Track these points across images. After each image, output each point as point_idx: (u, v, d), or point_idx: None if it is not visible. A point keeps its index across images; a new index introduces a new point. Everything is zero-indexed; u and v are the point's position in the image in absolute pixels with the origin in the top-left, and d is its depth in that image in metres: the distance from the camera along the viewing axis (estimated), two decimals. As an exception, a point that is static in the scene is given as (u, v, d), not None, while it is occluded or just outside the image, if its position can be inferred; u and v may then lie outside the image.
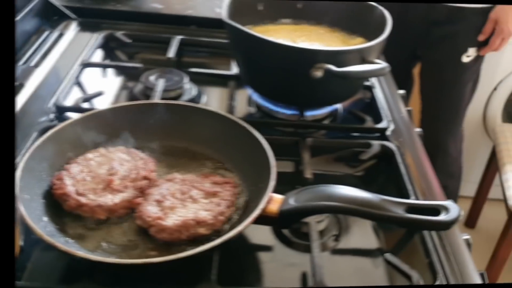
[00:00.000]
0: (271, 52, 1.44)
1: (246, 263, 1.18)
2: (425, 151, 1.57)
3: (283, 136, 1.54)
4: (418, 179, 1.41)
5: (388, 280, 1.16)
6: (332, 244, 1.23)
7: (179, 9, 2.08)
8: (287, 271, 1.16)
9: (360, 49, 1.46)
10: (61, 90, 1.56)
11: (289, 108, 1.60)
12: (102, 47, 1.86)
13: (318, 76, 1.36)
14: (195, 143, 1.33)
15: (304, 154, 1.42)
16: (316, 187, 1.16)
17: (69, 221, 1.11)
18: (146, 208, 1.11)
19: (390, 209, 1.09)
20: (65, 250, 0.97)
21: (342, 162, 1.53)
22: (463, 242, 1.26)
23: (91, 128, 1.28)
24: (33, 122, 1.43)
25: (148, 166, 1.23)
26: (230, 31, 1.53)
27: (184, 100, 1.60)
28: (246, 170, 1.25)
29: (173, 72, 1.69)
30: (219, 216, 1.10)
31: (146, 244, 1.08)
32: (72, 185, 1.14)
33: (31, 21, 1.85)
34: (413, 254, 1.23)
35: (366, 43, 1.48)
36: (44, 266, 1.08)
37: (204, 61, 1.96)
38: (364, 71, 1.43)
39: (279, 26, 1.75)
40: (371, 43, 1.46)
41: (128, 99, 1.63)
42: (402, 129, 1.61)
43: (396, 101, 1.75)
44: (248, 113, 1.64)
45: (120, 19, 2.02)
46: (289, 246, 1.21)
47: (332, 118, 1.66)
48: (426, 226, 1.17)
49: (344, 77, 1.39)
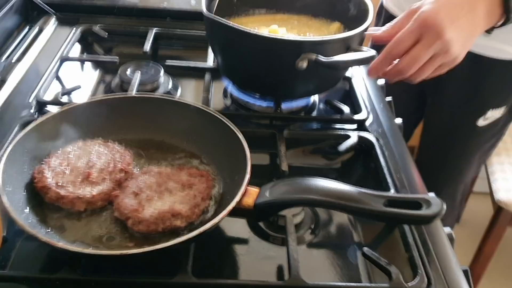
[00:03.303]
0: (254, 45, 1.43)
1: (222, 255, 1.19)
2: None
3: (259, 129, 1.54)
4: (398, 171, 1.40)
5: (366, 275, 1.17)
6: (309, 237, 1.24)
7: (154, 2, 2.08)
8: (263, 264, 1.17)
9: (345, 37, 1.43)
10: (41, 84, 1.57)
11: (266, 100, 1.60)
12: (80, 41, 1.87)
13: (304, 67, 1.35)
14: (171, 135, 1.35)
15: (281, 146, 1.42)
16: (292, 180, 1.17)
17: (50, 213, 1.14)
18: (123, 200, 1.13)
19: (368, 202, 1.08)
20: (46, 241, 0.99)
21: (320, 154, 1.54)
22: (446, 236, 1.25)
23: (70, 121, 1.30)
24: (15, 116, 1.45)
25: (125, 159, 1.25)
26: (209, 24, 1.52)
27: (160, 93, 1.62)
28: (222, 163, 1.27)
29: (149, 65, 1.70)
30: (194, 209, 1.12)
31: (124, 236, 1.11)
32: (52, 178, 1.17)
33: (12, 18, 1.86)
34: (392, 248, 1.22)
35: (351, 31, 1.45)
36: (27, 256, 1.11)
37: (180, 53, 1.97)
38: (354, 60, 1.40)
39: (255, 17, 1.75)
40: (356, 31, 1.43)
41: (105, 93, 1.65)
42: (382, 120, 1.60)
43: (375, 91, 1.74)
44: (224, 105, 1.65)
45: (97, 13, 2.02)
46: (265, 239, 1.22)
47: (309, 110, 1.66)
48: (406, 220, 1.15)
49: (332, 67, 1.38)
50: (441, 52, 1.34)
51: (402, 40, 1.34)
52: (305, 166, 1.50)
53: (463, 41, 1.36)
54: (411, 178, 1.40)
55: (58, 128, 1.28)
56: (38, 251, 1.11)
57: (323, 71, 1.42)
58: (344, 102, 1.64)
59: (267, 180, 1.18)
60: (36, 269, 1.09)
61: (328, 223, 1.29)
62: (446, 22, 1.31)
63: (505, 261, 3.35)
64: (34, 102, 1.51)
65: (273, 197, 1.11)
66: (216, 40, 1.57)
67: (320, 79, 1.54)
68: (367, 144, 1.48)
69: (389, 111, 1.67)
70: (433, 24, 1.30)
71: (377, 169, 1.40)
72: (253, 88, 1.60)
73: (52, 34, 1.91)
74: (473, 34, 1.39)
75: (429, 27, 1.31)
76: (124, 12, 2.04)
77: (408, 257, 1.16)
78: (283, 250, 1.15)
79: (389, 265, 1.10)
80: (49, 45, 1.84)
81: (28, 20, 1.95)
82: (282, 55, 1.41)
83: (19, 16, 1.91)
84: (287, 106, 1.61)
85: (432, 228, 1.25)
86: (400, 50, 1.35)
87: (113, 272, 1.05)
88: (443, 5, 1.32)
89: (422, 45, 1.33)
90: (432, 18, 1.31)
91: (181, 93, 1.69)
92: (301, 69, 1.36)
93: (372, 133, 1.52)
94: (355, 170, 1.52)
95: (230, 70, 1.61)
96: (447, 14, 1.31)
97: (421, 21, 1.32)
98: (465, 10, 1.33)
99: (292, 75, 1.44)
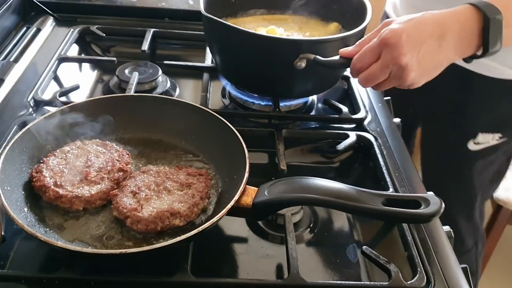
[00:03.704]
0: (254, 45, 1.43)
1: (221, 254, 1.19)
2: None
3: (257, 128, 1.54)
4: (397, 170, 1.40)
5: (366, 274, 1.17)
6: (308, 236, 1.25)
7: (152, 2, 2.08)
8: (262, 263, 1.17)
9: (344, 37, 1.43)
10: (39, 84, 1.57)
11: (264, 99, 1.60)
12: (77, 41, 1.88)
13: (302, 66, 1.36)
14: (170, 135, 1.35)
15: (279, 145, 1.42)
16: (291, 179, 1.17)
17: (49, 212, 1.14)
18: (122, 199, 1.13)
19: (367, 201, 1.08)
20: (45, 240, 0.99)
21: (318, 153, 1.54)
22: (445, 235, 1.25)
23: (68, 121, 1.30)
24: (13, 115, 1.45)
25: (124, 159, 1.26)
26: (208, 24, 1.53)
27: (158, 92, 1.63)
28: (221, 162, 1.28)
29: (147, 65, 1.70)
30: (193, 208, 1.13)
31: (123, 235, 1.11)
32: (50, 177, 1.17)
33: (10, 18, 1.86)
34: (391, 247, 1.23)
35: (349, 31, 1.46)
36: (25, 255, 1.11)
37: (178, 53, 1.98)
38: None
39: (251, 18, 1.75)
40: (354, 31, 1.44)
41: (103, 93, 1.66)
42: (380, 119, 1.60)
43: (374, 91, 1.73)
44: (222, 104, 1.66)
45: (95, 13, 2.02)
46: (264, 238, 1.22)
47: (307, 109, 1.66)
48: (405, 219, 1.16)
49: (331, 66, 1.38)
50: (396, 76, 1.26)
51: (363, 57, 1.28)
52: (304, 165, 1.50)
53: (423, 70, 1.28)
54: (410, 177, 1.40)
55: (56, 127, 1.28)
56: (37, 250, 1.11)
57: (321, 71, 1.42)
58: (342, 101, 1.65)
59: (266, 179, 1.18)
60: (34, 268, 1.09)
61: (327, 222, 1.29)
62: (407, 47, 1.22)
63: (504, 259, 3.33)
64: (32, 102, 1.51)
65: (272, 196, 1.11)
66: (215, 40, 1.57)
67: (318, 79, 1.54)
68: (366, 143, 1.48)
69: (387, 111, 1.67)
70: (393, 47, 1.22)
71: (376, 168, 1.40)
72: (251, 88, 1.60)
73: (50, 34, 1.91)
74: (438, 63, 1.30)
75: (389, 48, 1.23)
76: (122, 12, 2.05)
77: (407, 255, 1.16)
78: (282, 249, 1.15)
79: (388, 264, 1.10)
80: (47, 45, 1.83)
81: (26, 20, 1.95)
82: (281, 54, 1.41)
83: (17, 16, 1.91)
84: (285, 105, 1.61)
85: (431, 226, 1.25)
86: (361, 66, 1.29)
87: (112, 271, 1.05)
88: (411, 28, 1.24)
89: (379, 65, 1.26)
90: (393, 40, 1.22)
91: (179, 93, 1.69)
92: (299, 68, 1.36)
93: (371, 132, 1.52)
94: (353, 169, 1.52)
95: (228, 70, 1.61)
96: (412, 38, 1.23)
97: (382, 40, 1.24)
98: (434, 36, 1.25)
99: (290, 74, 1.44)
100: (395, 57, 1.22)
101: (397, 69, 1.24)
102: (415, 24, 1.25)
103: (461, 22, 1.27)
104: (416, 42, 1.23)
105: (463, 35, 1.28)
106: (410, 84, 1.28)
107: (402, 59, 1.22)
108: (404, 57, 1.22)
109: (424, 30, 1.25)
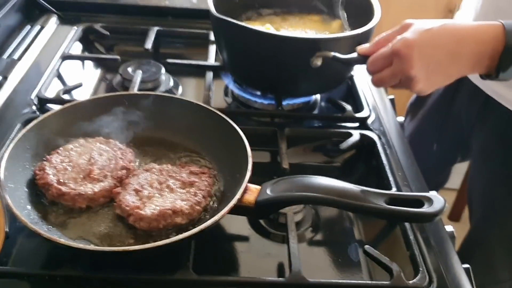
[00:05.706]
0: (268, 44, 1.43)
1: (223, 252, 1.19)
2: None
3: (260, 126, 1.54)
4: (400, 169, 1.40)
5: (367, 273, 1.17)
6: (310, 235, 1.25)
7: (156, 1, 2.08)
8: (263, 261, 1.17)
9: (358, 34, 1.43)
10: (42, 82, 1.57)
11: (267, 98, 1.61)
12: (81, 39, 1.88)
13: (318, 64, 1.37)
14: (173, 133, 1.35)
15: (282, 144, 1.42)
16: (293, 177, 1.16)
17: (52, 210, 1.15)
18: (124, 197, 1.13)
19: (370, 200, 1.07)
20: (48, 237, 1.00)
21: (321, 152, 1.54)
22: (447, 234, 1.25)
23: (71, 119, 1.31)
24: (16, 113, 1.46)
25: (127, 156, 1.26)
26: (218, 25, 1.52)
27: (161, 91, 1.63)
28: (223, 160, 1.28)
29: (151, 63, 1.71)
30: (195, 206, 1.13)
31: (125, 233, 1.11)
32: (53, 175, 1.17)
33: (14, 16, 1.87)
34: (394, 246, 1.22)
35: (362, 28, 1.45)
36: (28, 252, 1.11)
37: (181, 51, 1.98)
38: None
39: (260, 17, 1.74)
40: (368, 27, 1.45)
41: (106, 91, 1.66)
42: (384, 118, 1.60)
43: (377, 89, 1.73)
44: (225, 103, 1.66)
45: (98, 12, 2.03)
46: (266, 236, 1.23)
47: (310, 107, 1.66)
48: (408, 218, 1.14)
49: (350, 63, 1.40)
50: (404, 84, 1.28)
51: (376, 61, 1.29)
52: (306, 164, 1.50)
53: (432, 82, 1.29)
54: (413, 176, 1.40)
55: (60, 125, 1.29)
56: (40, 247, 1.12)
57: (334, 70, 1.44)
58: (346, 100, 1.64)
59: (268, 178, 1.17)
60: (37, 265, 1.09)
61: (329, 221, 1.29)
62: (417, 61, 1.22)
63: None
64: (35, 100, 1.51)
65: (274, 195, 1.11)
66: (225, 40, 1.56)
67: (329, 77, 1.54)
68: (369, 142, 1.48)
69: (391, 109, 1.67)
70: (404, 59, 1.23)
71: (379, 167, 1.40)
72: (262, 87, 1.61)
73: (54, 33, 1.91)
74: (448, 76, 1.30)
75: (399, 59, 1.24)
76: (126, 11, 2.05)
77: (410, 255, 1.16)
78: (283, 248, 1.15)
79: (390, 263, 1.10)
80: (51, 43, 1.84)
81: (29, 19, 1.95)
82: (297, 53, 1.41)
83: (20, 14, 1.92)
84: (288, 104, 1.60)
85: (433, 226, 1.25)
86: (373, 69, 1.31)
87: (114, 269, 1.06)
88: (425, 41, 1.23)
89: (390, 71, 1.27)
90: (403, 52, 1.22)
91: (182, 91, 1.69)
92: (315, 67, 1.37)
93: (374, 131, 1.52)
94: (356, 168, 1.52)
95: (238, 68, 1.61)
96: (423, 52, 1.23)
97: (394, 50, 1.24)
98: (448, 51, 1.24)
99: (303, 73, 1.45)
100: (404, 68, 1.23)
101: (405, 79, 1.26)
102: (430, 37, 1.24)
103: (479, 42, 1.25)
104: (428, 56, 1.23)
105: (478, 55, 1.25)
106: (418, 92, 1.30)
107: (411, 72, 1.23)
108: (412, 70, 1.23)
109: (439, 45, 1.24)
